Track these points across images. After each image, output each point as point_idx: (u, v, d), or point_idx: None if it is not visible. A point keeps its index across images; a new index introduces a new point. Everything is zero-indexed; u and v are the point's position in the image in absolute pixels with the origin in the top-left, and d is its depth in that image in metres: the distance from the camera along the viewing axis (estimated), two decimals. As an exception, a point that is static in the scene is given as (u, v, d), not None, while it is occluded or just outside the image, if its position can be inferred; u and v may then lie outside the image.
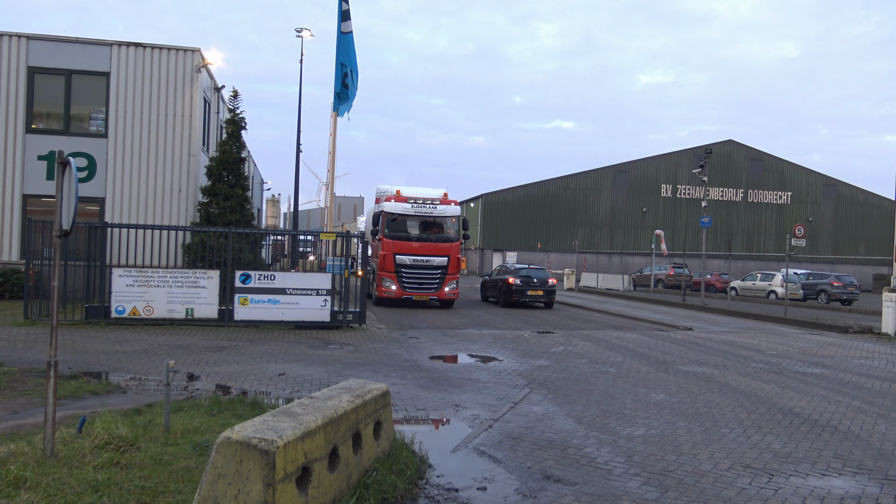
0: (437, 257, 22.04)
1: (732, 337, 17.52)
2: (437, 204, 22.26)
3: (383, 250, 21.75)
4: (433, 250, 22.06)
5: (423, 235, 22.26)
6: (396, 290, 21.75)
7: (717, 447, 6.99)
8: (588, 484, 5.77)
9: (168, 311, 14.77)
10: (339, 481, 4.79)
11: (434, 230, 22.47)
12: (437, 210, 22.25)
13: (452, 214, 22.54)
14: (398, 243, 21.80)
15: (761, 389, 10.24)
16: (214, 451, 4.07)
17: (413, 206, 22.03)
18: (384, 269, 21.77)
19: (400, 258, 21.73)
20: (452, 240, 22.45)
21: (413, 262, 21.82)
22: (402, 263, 21.74)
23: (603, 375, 10.99)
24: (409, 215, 22.10)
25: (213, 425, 6.55)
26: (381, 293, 21.86)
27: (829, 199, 60.33)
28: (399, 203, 21.98)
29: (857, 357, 14.25)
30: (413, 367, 11.19)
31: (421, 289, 21.97)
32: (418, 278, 21.91)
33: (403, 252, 21.81)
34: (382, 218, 21.91)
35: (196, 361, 10.82)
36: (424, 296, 22.04)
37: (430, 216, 22.29)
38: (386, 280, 21.72)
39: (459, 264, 22.81)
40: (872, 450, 7.11)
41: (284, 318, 15.26)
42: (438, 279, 22.11)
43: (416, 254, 21.88)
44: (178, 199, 19.72)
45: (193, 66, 19.94)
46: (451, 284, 22.40)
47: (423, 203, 22.11)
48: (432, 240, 22.22)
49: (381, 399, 5.83)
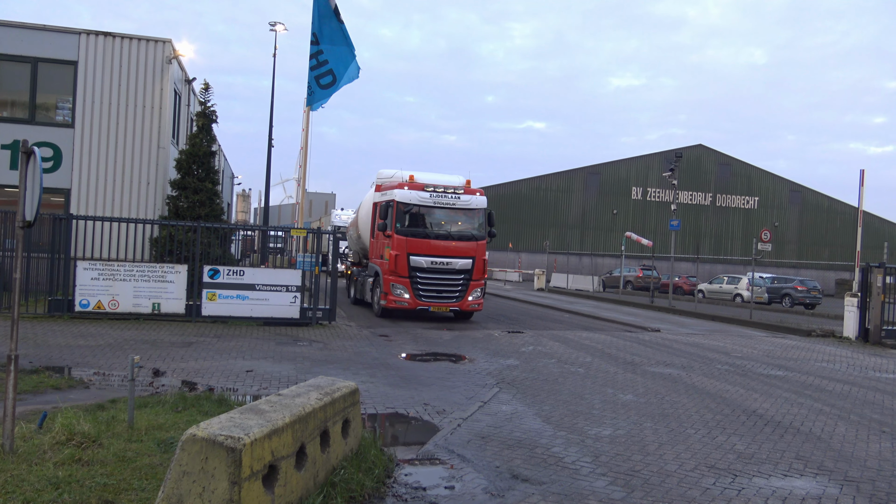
0: (459, 259, 17.88)
1: (699, 339, 17.76)
2: (461, 193, 18.09)
3: (394, 249, 17.48)
4: (455, 250, 17.91)
5: (443, 232, 18.01)
6: (410, 299, 17.51)
7: (683, 447, 7.08)
8: (555, 483, 5.80)
9: (134, 305, 14.54)
10: (307, 479, 4.75)
11: (456, 225, 18.27)
12: (460, 201, 18.09)
13: (478, 206, 18.43)
14: (413, 241, 17.54)
15: (726, 391, 10.39)
16: (179, 448, 4.01)
17: (432, 195, 17.79)
18: (395, 274, 17.47)
19: (415, 260, 17.49)
20: (478, 237, 18.27)
21: (431, 265, 17.62)
22: (418, 266, 17.51)
23: (572, 376, 11.06)
24: (426, 206, 17.84)
25: (179, 422, 6.46)
26: (389, 303, 17.64)
27: (795, 205, 61.46)
28: (414, 191, 17.67)
29: (819, 360, 14.53)
30: (383, 366, 11.15)
31: (440, 298, 17.83)
32: (437, 285, 17.79)
33: (420, 252, 17.55)
34: (393, 209, 17.53)
35: (162, 357, 10.66)
36: (444, 307, 17.97)
37: (453, 208, 18.13)
38: (397, 287, 17.49)
39: (485, 268, 18.72)
40: (833, 451, 7.25)
41: (253, 315, 15.11)
42: (461, 286, 17.99)
43: (435, 254, 17.64)
44: (146, 192, 19.41)
45: (164, 57, 19.63)
46: (476, 293, 18.28)
47: (444, 192, 17.92)
48: (454, 237, 18.01)
49: (349, 397, 5.79)
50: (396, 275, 17.51)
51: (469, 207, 18.24)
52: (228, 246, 20.47)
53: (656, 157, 58.15)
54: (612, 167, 58.64)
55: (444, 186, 18.01)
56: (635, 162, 58.87)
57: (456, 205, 18.09)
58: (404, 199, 17.60)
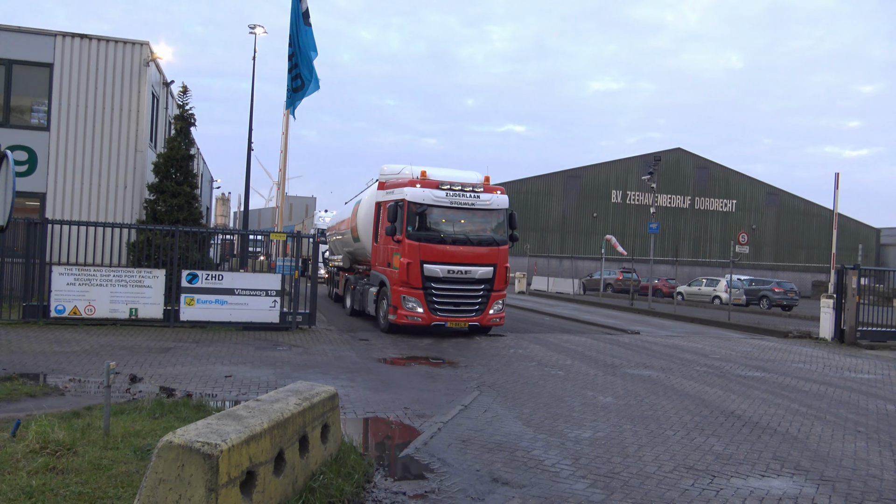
0: (479, 267, 15.69)
1: (678, 341, 17.89)
2: (480, 192, 15.91)
3: (406, 256, 15.23)
4: (475, 257, 15.71)
5: (461, 236, 15.75)
6: (424, 313, 15.29)
7: (662, 449, 7.12)
8: (535, 486, 5.80)
9: (111, 310, 14.37)
10: (285, 485, 4.72)
11: (476, 228, 16.05)
12: (480, 200, 15.88)
13: (500, 206, 16.19)
14: (427, 247, 15.29)
15: (705, 392, 10.47)
16: (155, 455, 3.96)
17: (448, 194, 15.58)
18: (406, 285, 15.27)
19: (430, 268, 15.26)
20: (499, 242, 16.05)
21: (448, 275, 15.42)
22: (433, 276, 15.30)
23: (552, 378, 11.10)
24: (442, 207, 15.61)
25: (156, 429, 6.38)
26: (399, 318, 15.39)
27: (772, 208, 62.15)
28: (428, 190, 15.46)
29: (796, 361, 14.70)
30: (363, 370, 11.11)
31: (458, 312, 15.66)
32: (455, 297, 15.62)
33: (435, 259, 15.31)
34: (404, 210, 15.32)
35: (139, 363, 10.54)
36: (462, 321, 15.69)
37: (472, 208, 15.89)
38: (409, 300, 15.28)
39: (508, 276, 16.55)
40: (809, 451, 7.33)
41: (232, 319, 15.00)
42: (481, 298, 15.82)
43: (452, 262, 15.45)
44: (123, 196, 19.21)
45: (142, 59, 19.45)
46: (497, 305, 16.13)
47: (462, 191, 15.73)
48: (473, 242, 15.75)
49: (329, 402, 5.77)
50: (408, 286, 15.25)
51: (490, 208, 16.05)
52: (207, 250, 20.30)
53: (636, 160, 58.55)
54: (592, 171, 58.96)
55: (462, 184, 15.84)
56: (615, 165, 59.25)
57: (475, 205, 15.87)
58: (417, 198, 15.35)
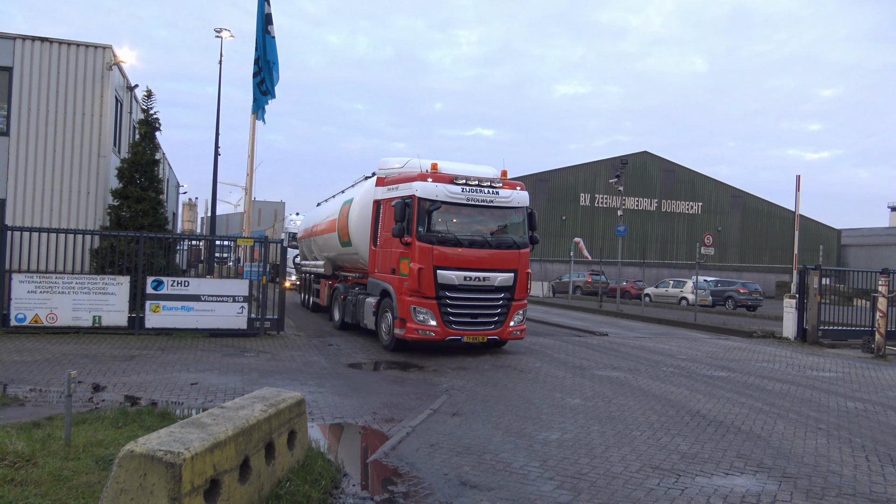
0: (499, 272, 13.82)
1: (646, 342, 18.09)
2: (499, 188, 14.07)
3: (417, 261, 13.25)
4: (494, 262, 13.84)
5: (478, 238, 13.83)
6: (438, 327, 13.27)
7: (629, 449, 7.19)
8: (504, 489, 5.82)
9: (73, 318, 14.10)
10: (251, 493, 4.67)
11: (494, 229, 14.23)
12: (499, 197, 14.03)
13: (520, 204, 14.35)
14: (441, 251, 13.34)
15: (671, 393, 10.61)
16: (116, 464, 3.90)
17: (464, 189, 13.70)
18: (418, 294, 13.25)
19: (444, 275, 13.30)
20: (520, 245, 14.19)
21: (465, 282, 13.49)
22: (448, 283, 13.35)
23: (521, 381, 11.14)
24: (458, 205, 13.71)
25: (119, 438, 6.28)
26: (410, 332, 13.28)
27: (737, 210, 63.19)
28: (441, 185, 13.55)
29: (760, 360, 14.96)
30: (332, 375, 11.05)
31: (475, 325, 13.74)
32: (472, 308, 13.70)
33: (449, 265, 13.38)
34: (413, 208, 13.44)
35: (103, 371, 10.36)
36: (481, 335, 13.76)
37: (490, 206, 14.02)
38: (421, 311, 13.24)
39: (530, 283, 14.64)
40: (772, 449, 7.47)
41: (199, 326, 14.81)
42: (501, 308, 13.94)
43: (469, 267, 13.55)
44: (86, 202, 18.87)
45: (104, 63, 19.14)
46: (518, 316, 14.29)
47: (479, 186, 13.85)
48: (492, 245, 13.91)
49: (295, 408, 5.73)
50: (419, 295, 13.25)
51: (510, 205, 14.20)
52: (173, 256, 20.02)
53: (603, 163, 59.13)
54: (561, 174, 59.41)
55: (479, 178, 13.97)
56: (583, 169, 59.77)
57: (494, 202, 14.00)
58: (428, 194, 13.42)
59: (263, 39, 17.52)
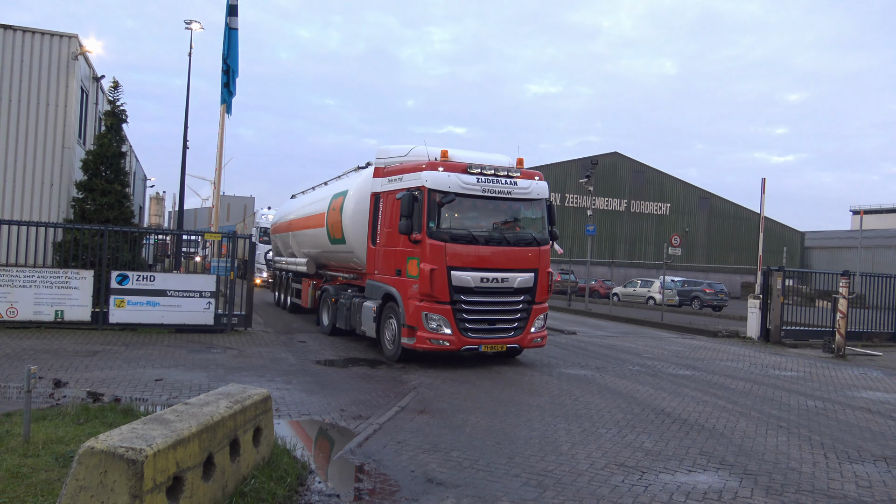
0: (518, 273, 12.40)
1: (613, 341, 18.27)
2: (517, 178, 12.66)
3: (429, 261, 11.73)
4: (513, 261, 12.42)
5: (495, 234, 12.42)
6: (453, 335, 11.81)
7: (594, 447, 7.26)
8: (470, 486, 5.84)
9: (35, 312, 13.82)
10: (214, 490, 4.63)
11: (513, 224, 12.86)
12: (518, 188, 12.61)
13: (540, 196, 12.97)
14: (456, 249, 11.89)
15: (637, 391, 10.73)
16: (76, 461, 3.84)
17: (480, 179, 12.21)
18: (430, 298, 11.76)
19: (459, 276, 11.83)
20: (540, 241, 12.83)
21: (482, 284, 12.05)
22: (464, 286, 11.88)
23: (489, 378, 11.18)
24: (472, 197, 12.22)
25: (80, 435, 6.17)
26: (421, 342, 11.81)
27: (704, 211, 64.10)
28: (454, 174, 12.05)
29: (724, 359, 15.20)
30: (299, 372, 10.98)
31: (493, 332, 12.28)
32: (490, 313, 12.26)
33: (465, 265, 11.93)
34: (423, 201, 11.93)
35: (64, 367, 10.16)
36: (499, 344, 12.28)
37: (508, 198, 12.58)
38: (433, 318, 11.75)
39: (551, 283, 13.18)
40: (734, 446, 7.60)
41: (165, 321, 14.61)
42: (521, 313, 12.49)
43: (486, 268, 12.13)
44: (49, 194, 18.51)
45: (70, 53, 18.78)
46: (539, 321, 12.80)
47: (496, 176, 12.40)
48: (511, 242, 12.49)
49: (261, 404, 5.68)
50: (432, 299, 11.76)
51: (528, 197, 12.81)
52: (139, 250, 19.72)
53: (574, 163, 59.55)
54: (532, 173, 59.69)
55: (495, 167, 12.52)
56: (553, 168, 60.09)
57: (512, 193, 12.57)
58: (440, 185, 11.93)
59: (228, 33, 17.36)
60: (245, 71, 37.35)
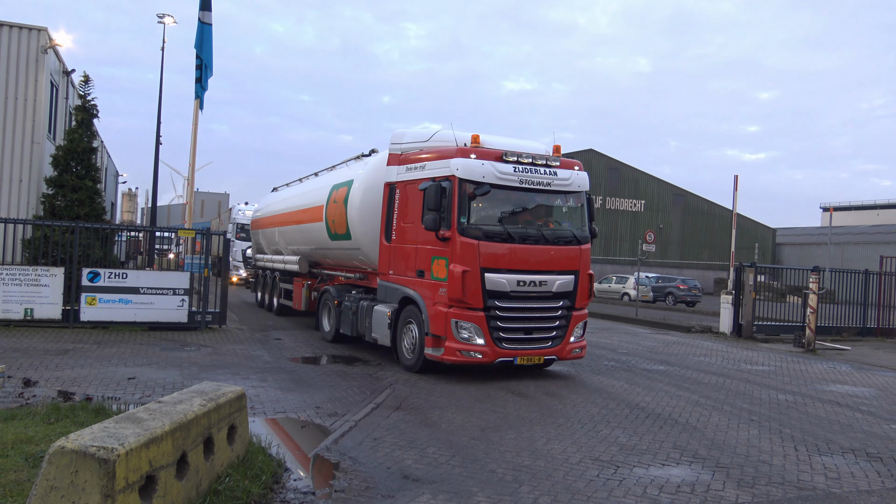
0: (558, 275, 11.10)
1: (588, 336, 18.29)
2: (556, 167, 11.18)
3: (459, 262, 10.32)
4: (552, 262, 11.09)
5: (532, 231, 11.08)
6: (486, 346, 10.43)
7: (570, 442, 7.31)
8: (445, 482, 5.85)
9: (3, 311, 13.57)
10: (188, 489, 4.59)
11: (552, 220, 11.72)
12: (558, 179, 11.16)
13: (580, 188, 11.57)
14: (490, 248, 10.47)
15: (612, 386, 10.82)
16: (46, 461, 3.78)
17: (516, 169, 10.75)
18: (461, 304, 10.35)
19: (494, 279, 10.44)
20: (581, 240, 11.55)
21: (518, 289, 10.69)
22: (499, 290, 10.51)
23: (465, 376, 11.20)
24: (508, 188, 10.79)
25: (50, 434, 6.08)
26: (449, 353, 10.45)
27: (678, 208, 64.74)
28: (488, 163, 10.58)
29: (697, 355, 15.38)
30: (275, 369, 10.92)
31: (530, 342, 10.96)
32: (526, 320, 10.92)
33: (500, 266, 10.54)
34: (453, 193, 10.44)
35: (34, 365, 10.00)
36: (536, 355, 10.96)
37: (547, 190, 11.18)
38: (464, 327, 10.37)
39: (592, 287, 12.06)
40: (707, 440, 7.69)
41: (137, 319, 14.43)
42: (560, 320, 11.20)
43: (523, 269, 10.75)
44: (17, 190, 18.17)
45: (39, 46, 18.44)
46: (578, 330, 11.64)
47: (534, 164, 10.95)
48: (549, 240, 11.13)
49: (236, 402, 5.64)
50: (463, 305, 10.36)
51: (569, 190, 11.40)
52: (111, 247, 19.43)
53: (550, 160, 59.83)
54: (508, 170, 59.87)
55: (532, 155, 11.01)
56: (530, 165, 60.40)
57: (552, 185, 11.11)
58: (473, 174, 10.45)
59: (201, 28, 17.19)
60: (219, 66, 36.83)
